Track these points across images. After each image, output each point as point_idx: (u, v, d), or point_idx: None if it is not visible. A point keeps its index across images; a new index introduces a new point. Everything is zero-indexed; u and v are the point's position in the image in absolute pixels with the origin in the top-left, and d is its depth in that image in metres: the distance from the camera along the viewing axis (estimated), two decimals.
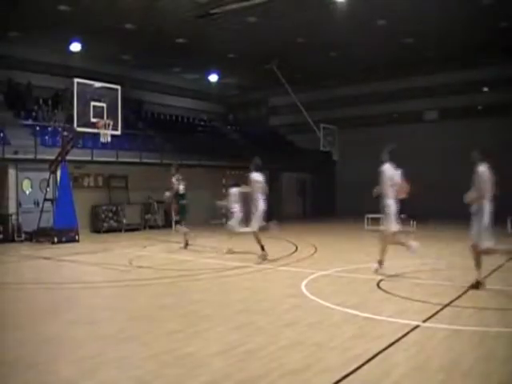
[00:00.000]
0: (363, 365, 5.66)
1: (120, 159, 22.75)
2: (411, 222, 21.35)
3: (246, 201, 14.63)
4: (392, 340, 6.48)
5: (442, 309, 8.13)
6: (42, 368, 5.69)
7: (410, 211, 22.04)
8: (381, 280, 10.53)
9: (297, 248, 16.29)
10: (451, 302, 8.59)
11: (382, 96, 33.23)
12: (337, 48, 26.60)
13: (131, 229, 22.56)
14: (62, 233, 18.03)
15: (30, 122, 22.95)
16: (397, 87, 32.42)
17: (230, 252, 14.91)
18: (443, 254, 14.94)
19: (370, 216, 22.50)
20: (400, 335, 6.70)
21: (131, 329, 7.34)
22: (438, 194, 29.05)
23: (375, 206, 23.29)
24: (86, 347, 6.42)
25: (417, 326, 7.13)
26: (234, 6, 20.46)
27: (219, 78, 33.28)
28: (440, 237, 19.90)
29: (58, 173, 18.71)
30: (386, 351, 6.12)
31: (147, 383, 5.26)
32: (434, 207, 27.77)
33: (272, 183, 26.34)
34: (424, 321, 7.41)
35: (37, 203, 20.11)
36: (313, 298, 9.02)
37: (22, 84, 25.36)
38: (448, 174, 29.36)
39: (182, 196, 16.71)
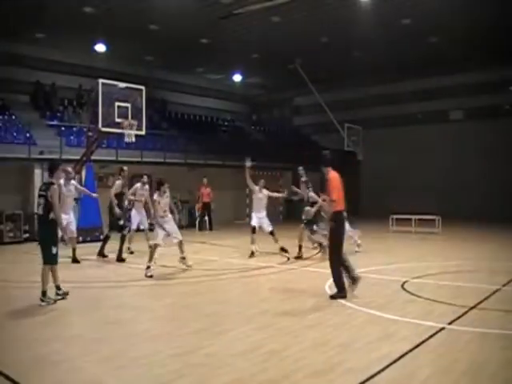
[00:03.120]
0: (388, 366, 5.63)
1: (144, 159, 22.86)
2: (436, 222, 21.13)
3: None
4: (417, 342, 6.44)
5: (467, 311, 8.04)
6: (68, 366, 5.76)
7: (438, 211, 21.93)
8: (405, 281, 10.45)
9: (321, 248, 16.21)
10: (477, 304, 8.49)
11: (407, 96, 32.95)
12: (361, 47, 26.45)
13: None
14: (87, 232, 18.17)
15: (55, 122, 23.22)
16: (422, 87, 32.09)
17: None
18: (469, 255, 14.76)
19: (395, 217, 22.33)
20: (425, 337, 6.64)
21: (156, 328, 7.38)
22: (463, 193, 28.81)
23: (400, 206, 23.19)
24: (111, 346, 6.48)
25: (442, 329, 7.06)
26: (258, 6, 20.45)
27: (243, 78, 33.29)
28: (466, 237, 19.72)
29: (83, 173, 18.86)
30: (411, 353, 6.07)
31: (171, 382, 5.30)
32: (459, 207, 27.56)
33: (295, 183, 26.29)
34: (449, 323, 7.34)
35: None
36: None
37: (47, 85, 25.66)
38: (471, 174, 29.13)
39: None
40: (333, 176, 9.20)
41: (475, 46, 25.93)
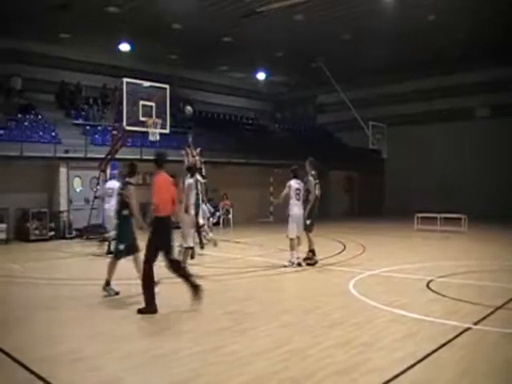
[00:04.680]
0: (412, 366, 5.55)
1: (168, 157, 22.90)
2: (462, 221, 20.86)
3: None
4: (442, 342, 6.33)
5: (493, 311, 7.89)
6: (87, 363, 5.77)
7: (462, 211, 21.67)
8: (430, 280, 10.31)
9: (344, 247, 16.12)
10: (504, 304, 8.33)
11: (431, 93, 32.54)
12: (384, 44, 26.18)
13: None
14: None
15: (80, 121, 23.42)
16: (446, 83, 31.63)
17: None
18: (495, 254, 14.54)
19: (421, 215, 22.09)
20: (450, 337, 6.53)
21: (177, 325, 7.37)
22: (487, 194, 28.40)
23: (425, 204, 23.00)
24: (132, 343, 6.49)
25: (467, 329, 6.93)
26: (280, 4, 20.39)
27: (266, 76, 33.27)
28: (492, 237, 19.44)
29: (108, 171, 18.99)
30: (436, 353, 5.97)
31: (190, 381, 5.27)
32: (486, 206, 27.19)
33: (319, 181, 26.16)
34: (475, 323, 7.20)
35: (87, 201, 20.48)
36: (360, 297, 8.90)
37: (72, 84, 25.91)
38: (499, 172, 28.72)
39: None
40: (157, 178, 8.65)
41: (502, 41, 25.51)
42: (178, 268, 8.40)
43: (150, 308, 7.95)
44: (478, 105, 31.39)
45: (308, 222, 12.63)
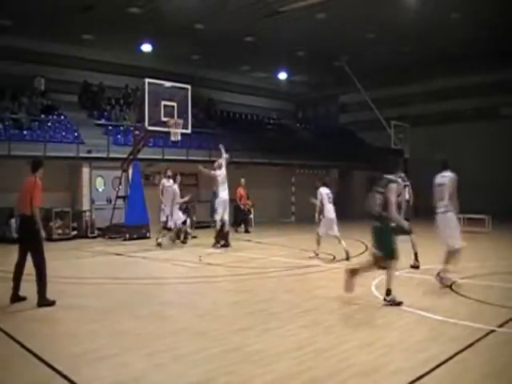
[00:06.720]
0: (435, 368, 5.50)
1: (190, 157, 23.03)
2: (486, 222, 20.62)
3: None
4: (465, 344, 6.25)
5: None
6: (114, 360, 5.82)
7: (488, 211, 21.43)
8: (454, 282, 10.21)
9: (366, 248, 16.01)
10: None
11: (456, 92, 32.22)
12: (408, 43, 26.03)
13: (201, 226, 22.70)
14: (133, 229, 18.38)
15: (102, 121, 23.62)
16: (471, 82, 31.31)
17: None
18: None
19: None
20: (473, 340, 6.45)
21: (200, 325, 7.39)
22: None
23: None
24: (156, 342, 6.51)
25: (492, 331, 6.85)
26: (303, 3, 20.38)
27: (288, 76, 33.26)
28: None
29: (130, 171, 19.11)
30: (460, 355, 5.91)
31: (213, 380, 5.28)
32: (509, 208, 26.85)
33: (342, 181, 26.15)
34: (499, 326, 7.11)
35: (109, 200, 20.62)
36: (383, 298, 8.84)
37: (94, 85, 26.13)
38: None
39: None
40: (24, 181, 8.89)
41: None
42: (38, 272, 8.51)
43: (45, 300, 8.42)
44: (505, 104, 30.98)
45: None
